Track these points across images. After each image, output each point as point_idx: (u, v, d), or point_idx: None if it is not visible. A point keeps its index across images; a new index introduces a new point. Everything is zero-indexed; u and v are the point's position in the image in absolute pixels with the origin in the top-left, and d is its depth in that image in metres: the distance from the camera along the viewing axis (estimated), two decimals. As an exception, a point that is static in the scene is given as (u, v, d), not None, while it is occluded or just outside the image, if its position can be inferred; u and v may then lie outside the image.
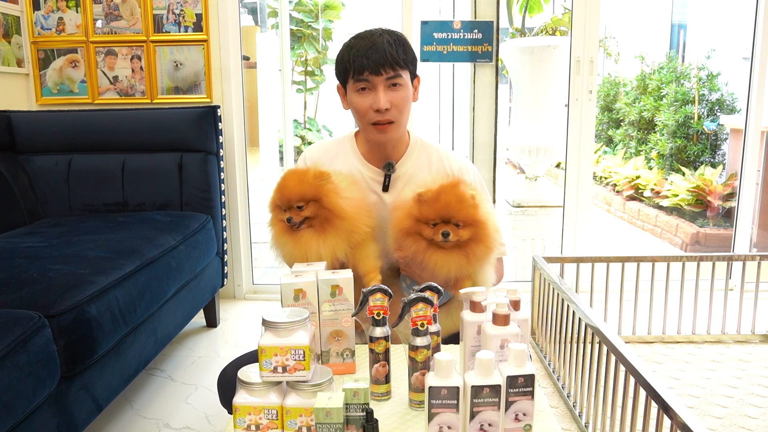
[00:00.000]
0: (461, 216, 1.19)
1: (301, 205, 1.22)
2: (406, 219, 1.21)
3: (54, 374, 1.31)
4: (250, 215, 2.95)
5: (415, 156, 1.40)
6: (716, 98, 5.45)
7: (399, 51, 1.24)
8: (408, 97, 1.30)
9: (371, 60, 1.22)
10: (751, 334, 2.36)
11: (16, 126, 2.48)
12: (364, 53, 1.23)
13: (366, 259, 1.24)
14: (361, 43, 1.25)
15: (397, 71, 1.24)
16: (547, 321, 2.11)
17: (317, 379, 0.89)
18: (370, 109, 1.26)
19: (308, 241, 1.22)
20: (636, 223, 5.13)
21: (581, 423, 1.72)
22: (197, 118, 2.46)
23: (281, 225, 1.25)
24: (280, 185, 1.25)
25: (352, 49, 1.25)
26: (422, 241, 1.21)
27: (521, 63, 3.48)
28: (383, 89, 1.25)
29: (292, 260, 1.23)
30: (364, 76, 1.24)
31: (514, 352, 0.88)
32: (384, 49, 1.22)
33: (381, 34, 1.25)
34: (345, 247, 1.22)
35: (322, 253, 1.21)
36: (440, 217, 1.19)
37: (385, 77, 1.24)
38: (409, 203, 1.22)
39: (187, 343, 2.42)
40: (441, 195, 1.19)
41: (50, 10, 2.67)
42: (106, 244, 1.81)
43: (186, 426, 1.82)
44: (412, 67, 1.29)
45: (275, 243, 1.28)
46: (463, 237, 1.19)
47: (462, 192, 1.20)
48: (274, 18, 7.01)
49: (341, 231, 1.22)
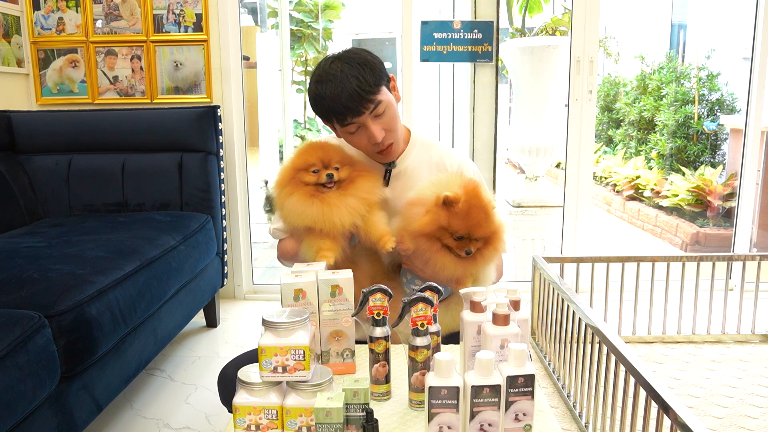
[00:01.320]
0: (486, 233, 1.20)
1: (337, 167, 1.25)
2: (431, 224, 1.18)
3: (54, 374, 1.31)
4: (250, 215, 2.95)
5: (416, 152, 1.41)
6: (716, 98, 5.45)
7: (368, 79, 1.20)
8: (394, 112, 1.29)
9: (348, 106, 1.20)
10: (751, 334, 2.36)
11: (16, 126, 2.48)
12: (338, 101, 1.20)
13: (377, 225, 1.25)
14: (329, 89, 1.20)
15: (374, 99, 1.22)
16: (547, 321, 2.11)
17: (317, 379, 0.89)
18: (369, 145, 1.28)
19: (337, 200, 1.23)
20: (636, 223, 5.13)
21: (581, 423, 1.72)
22: (197, 118, 2.46)
23: (305, 189, 1.25)
24: (309, 149, 1.28)
25: (325, 99, 1.22)
26: (437, 242, 1.20)
27: (521, 63, 3.49)
28: (371, 122, 1.24)
29: (317, 222, 1.22)
30: (349, 121, 1.23)
31: (514, 352, 0.88)
32: (353, 89, 1.19)
33: (342, 70, 1.20)
34: (362, 209, 1.24)
35: (344, 213, 1.22)
36: (468, 234, 1.19)
37: (368, 113, 1.22)
38: (433, 206, 1.19)
39: (187, 343, 2.42)
40: (472, 211, 1.17)
41: (50, 10, 2.67)
42: (106, 244, 1.81)
43: (186, 426, 1.82)
44: (383, 80, 1.26)
45: (298, 207, 1.24)
46: (479, 246, 1.21)
47: (487, 205, 1.19)
48: (274, 18, 7.01)
49: (361, 191, 1.25)
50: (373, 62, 1.24)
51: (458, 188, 1.19)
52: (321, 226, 1.22)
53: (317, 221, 1.22)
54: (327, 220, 1.21)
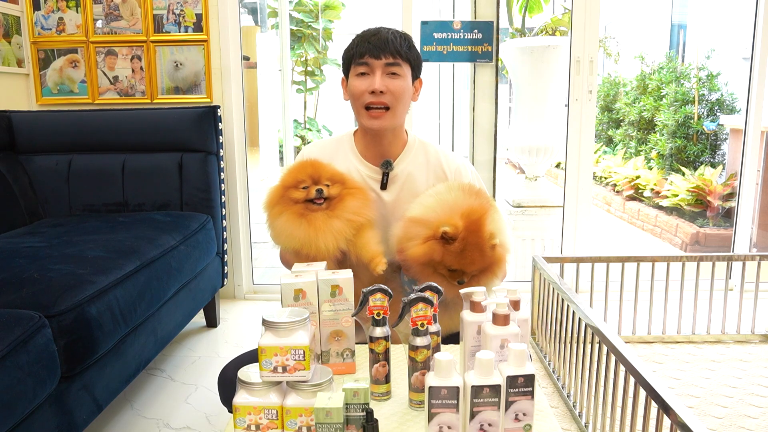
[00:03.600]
0: (480, 268, 1.19)
1: (328, 184, 1.26)
2: (425, 256, 1.18)
3: (54, 374, 1.32)
4: (250, 215, 2.95)
5: (413, 154, 1.40)
6: (716, 98, 5.45)
7: (402, 44, 1.29)
8: (406, 89, 1.32)
9: (372, 44, 1.28)
10: (751, 334, 2.37)
11: (17, 126, 2.48)
12: (367, 39, 1.29)
13: (367, 246, 1.25)
14: (366, 32, 1.31)
15: (396, 60, 1.28)
16: (547, 321, 2.11)
17: (317, 379, 0.89)
18: (366, 92, 1.29)
19: (323, 224, 1.23)
20: (636, 223, 5.13)
21: (581, 423, 1.72)
22: (197, 118, 2.46)
23: (295, 209, 1.25)
24: (299, 167, 1.28)
25: (357, 38, 1.32)
26: (431, 269, 1.20)
27: (521, 63, 3.48)
28: (381, 74, 1.28)
29: (303, 246, 1.22)
30: (364, 60, 1.28)
31: (514, 352, 0.88)
32: (386, 38, 1.28)
33: (389, 29, 1.32)
34: (349, 233, 1.23)
35: (329, 239, 1.22)
36: (461, 270, 1.19)
37: (384, 62, 1.28)
38: (431, 237, 1.18)
39: (187, 343, 2.42)
40: (467, 249, 1.16)
41: (50, 10, 2.67)
42: (106, 244, 1.81)
43: (186, 426, 1.82)
44: (414, 64, 1.33)
45: (287, 228, 1.24)
46: (474, 274, 1.21)
47: (485, 243, 1.17)
48: (274, 18, 7.01)
49: (348, 212, 1.24)
50: (416, 49, 1.35)
51: (460, 219, 1.17)
52: (307, 249, 1.21)
53: (303, 245, 1.22)
54: (313, 245, 1.21)
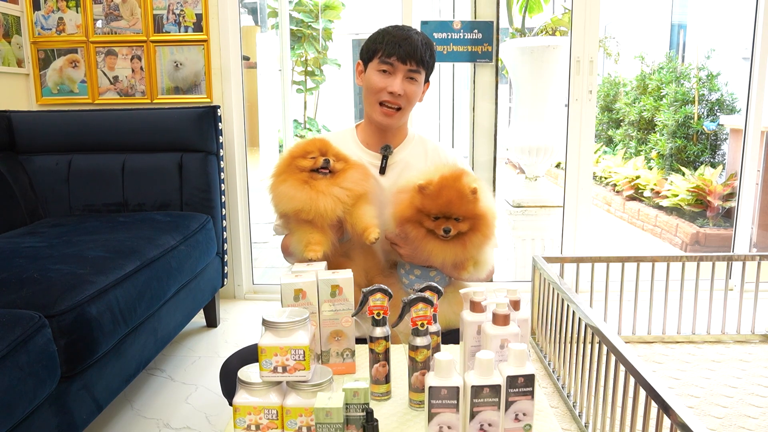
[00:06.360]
0: (461, 212, 1.22)
1: (334, 159, 1.32)
2: (408, 208, 1.24)
3: (54, 374, 1.32)
4: (250, 215, 2.95)
5: (412, 146, 1.49)
6: (716, 98, 5.45)
7: (426, 53, 1.37)
8: (418, 94, 1.41)
9: (402, 49, 1.34)
10: (751, 334, 2.36)
11: (16, 126, 2.48)
12: (398, 42, 1.34)
13: (363, 217, 1.29)
14: (397, 32, 1.36)
15: (418, 68, 1.37)
16: (547, 321, 2.11)
17: (317, 379, 0.89)
18: (385, 90, 1.36)
19: (325, 188, 1.27)
20: (636, 223, 5.13)
21: (581, 423, 1.72)
22: (197, 118, 2.46)
23: (300, 176, 1.30)
24: (309, 141, 1.34)
25: (388, 35, 1.36)
26: (421, 228, 1.24)
27: (521, 63, 3.48)
28: (402, 77, 1.36)
29: (304, 207, 1.26)
30: (391, 60, 1.35)
31: (514, 352, 0.88)
32: (416, 45, 1.35)
33: (417, 33, 1.38)
34: (348, 201, 1.28)
35: (329, 202, 1.26)
36: (441, 213, 1.22)
37: (408, 68, 1.35)
38: (412, 191, 1.25)
39: (187, 343, 2.42)
40: (443, 191, 1.21)
41: (50, 10, 2.67)
42: (106, 244, 1.81)
43: (186, 426, 1.82)
44: (428, 72, 1.42)
45: (289, 191, 1.29)
46: (462, 229, 1.23)
47: (463, 186, 1.22)
48: (274, 18, 7.01)
49: (348, 181, 1.30)
50: (434, 57, 1.43)
51: (438, 175, 1.23)
52: (307, 211, 1.25)
53: (304, 206, 1.26)
54: (313, 206, 1.25)
